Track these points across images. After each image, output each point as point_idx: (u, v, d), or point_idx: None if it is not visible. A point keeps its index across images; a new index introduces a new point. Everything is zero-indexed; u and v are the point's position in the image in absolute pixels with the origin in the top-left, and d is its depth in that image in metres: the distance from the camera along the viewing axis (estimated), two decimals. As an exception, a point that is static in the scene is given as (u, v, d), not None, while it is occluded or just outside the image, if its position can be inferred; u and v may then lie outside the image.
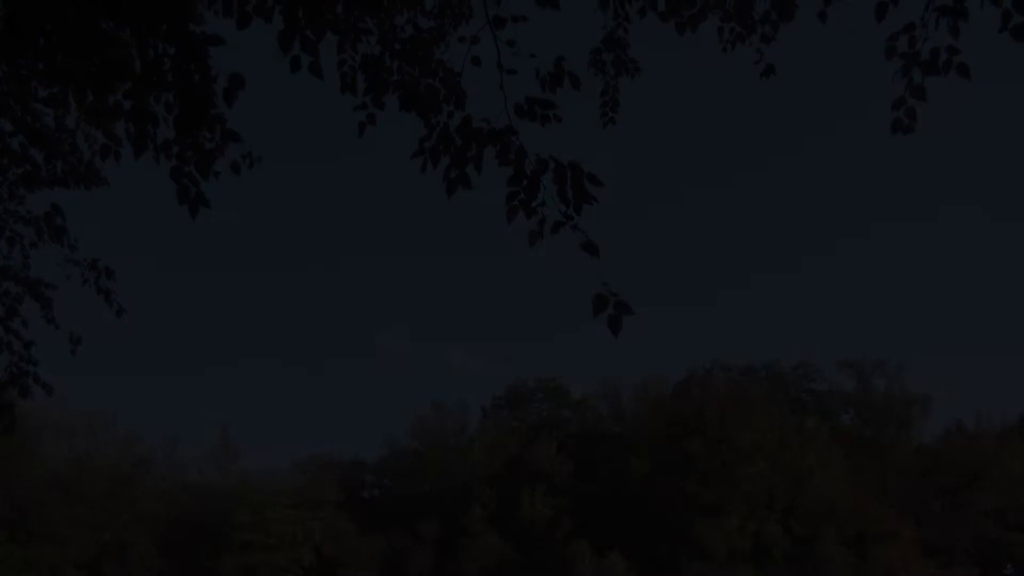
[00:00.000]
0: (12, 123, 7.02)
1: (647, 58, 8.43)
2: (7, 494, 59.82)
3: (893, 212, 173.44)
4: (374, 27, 6.42)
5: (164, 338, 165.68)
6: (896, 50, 5.50)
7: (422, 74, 6.33)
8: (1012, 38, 5.01)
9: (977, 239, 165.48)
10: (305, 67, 5.67)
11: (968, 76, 5.26)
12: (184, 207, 5.63)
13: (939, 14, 5.33)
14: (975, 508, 63.12)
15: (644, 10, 7.10)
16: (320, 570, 71.81)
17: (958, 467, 63.61)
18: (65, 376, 44.63)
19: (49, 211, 8.77)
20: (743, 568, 59.14)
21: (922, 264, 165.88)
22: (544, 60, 6.10)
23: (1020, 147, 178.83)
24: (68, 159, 8.68)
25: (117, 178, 9.27)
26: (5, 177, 8.75)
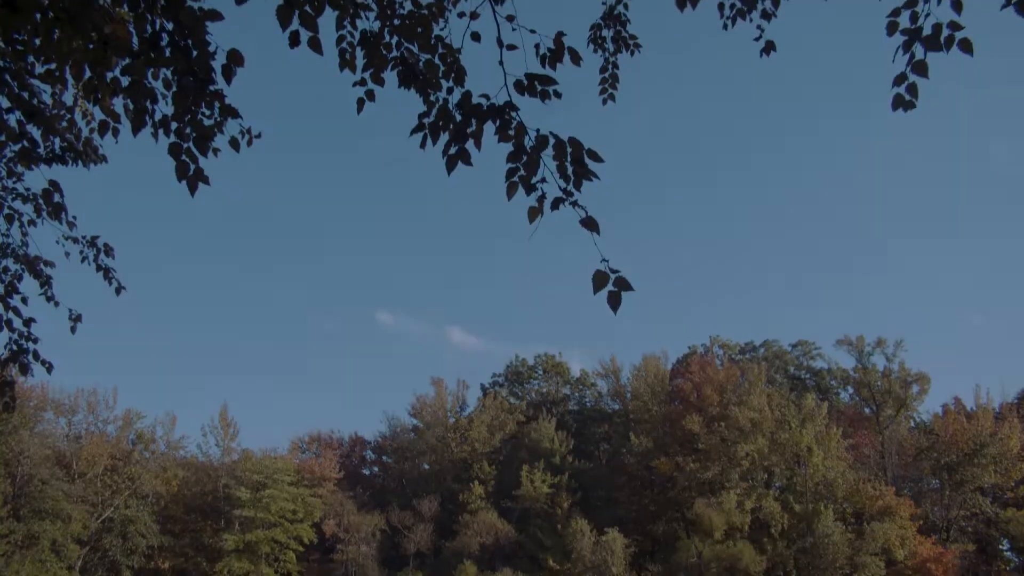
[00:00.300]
0: (9, 99, 6.98)
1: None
2: (9, 471, 60.07)
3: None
4: (373, 2, 6.37)
5: (164, 316, 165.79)
6: (898, 26, 5.46)
7: (421, 50, 6.30)
8: (1017, 13, 4.97)
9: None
10: (304, 42, 5.64)
11: (971, 52, 5.21)
12: (183, 184, 5.61)
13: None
14: (973, 485, 63.35)
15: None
16: (320, 547, 72.18)
17: (956, 444, 63.75)
18: (65, 354, 44.76)
19: (47, 188, 8.72)
20: (742, 545, 59.36)
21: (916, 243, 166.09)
22: (544, 36, 6.06)
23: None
24: (66, 136, 8.64)
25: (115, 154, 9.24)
26: (2, 154, 8.72)
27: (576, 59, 5.96)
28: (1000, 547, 63.13)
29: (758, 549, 60.14)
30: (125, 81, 5.40)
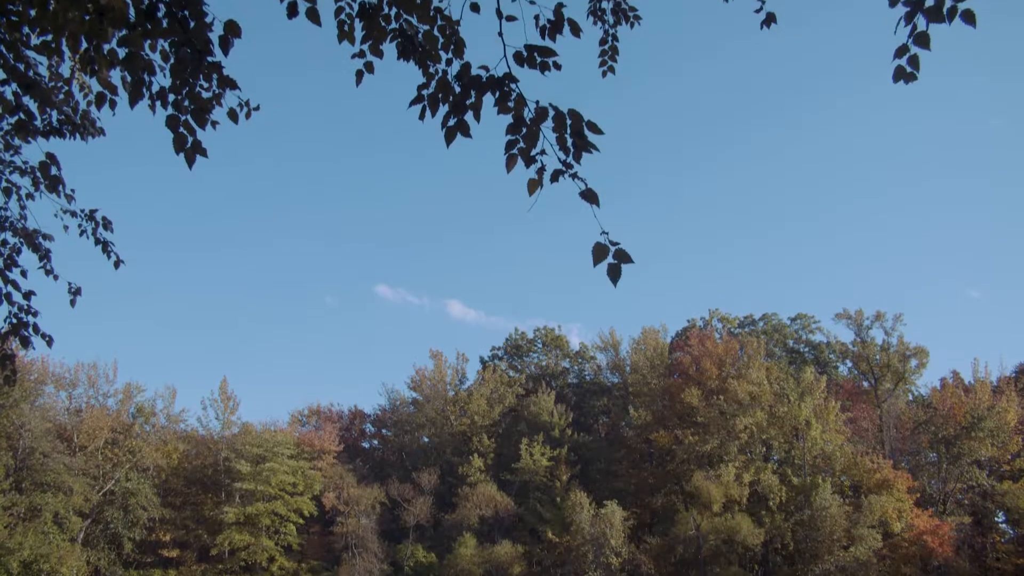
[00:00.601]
0: (5, 71, 6.92)
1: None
2: (10, 444, 60.31)
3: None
4: (371, -27, 6.31)
5: (164, 290, 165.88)
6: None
7: (420, 21, 6.25)
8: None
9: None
10: (303, 13, 5.60)
11: (974, 23, 5.16)
12: (180, 156, 5.58)
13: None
14: (970, 458, 63.57)
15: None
16: (320, 519, 72.52)
17: (954, 418, 63.91)
18: (66, 327, 44.85)
19: (44, 161, 8.66)
20: (740, 517, 59.66)
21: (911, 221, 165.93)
22: (544, 7, 6.01)
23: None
24: (63, 108, 8.59)
25: (113, 128, 9.19)
26: (-1, 126, 8.67)
27: (576, 30, 5.92)
28: (996, 519, 63.43)
29: (756, 522, 60.46)
30: (122, 53, 5.36)
